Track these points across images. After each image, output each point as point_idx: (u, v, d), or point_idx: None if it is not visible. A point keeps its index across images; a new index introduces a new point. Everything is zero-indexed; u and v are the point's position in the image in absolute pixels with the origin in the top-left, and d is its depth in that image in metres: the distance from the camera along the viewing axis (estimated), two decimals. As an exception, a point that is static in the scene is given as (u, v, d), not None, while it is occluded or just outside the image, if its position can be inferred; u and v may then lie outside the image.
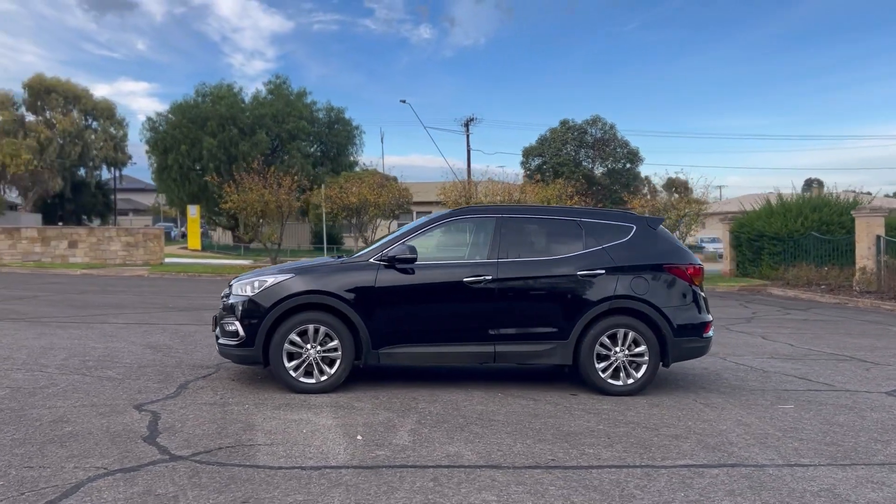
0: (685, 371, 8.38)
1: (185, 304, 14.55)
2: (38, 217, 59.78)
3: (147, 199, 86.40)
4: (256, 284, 6.87)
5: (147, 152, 46.75)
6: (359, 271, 6.90)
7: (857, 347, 10.70)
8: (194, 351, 8.84)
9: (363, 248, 7.52)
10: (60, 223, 58.64)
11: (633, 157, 41.92)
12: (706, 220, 50.36)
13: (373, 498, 4.17)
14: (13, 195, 63.51)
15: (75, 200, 67.05)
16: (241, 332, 6.77)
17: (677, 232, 26.30)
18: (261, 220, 25.30)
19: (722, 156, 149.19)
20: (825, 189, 31.05)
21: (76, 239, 26.21)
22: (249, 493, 4.18)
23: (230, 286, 7.17)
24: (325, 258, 7.63)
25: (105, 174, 71.41)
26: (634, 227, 7.33)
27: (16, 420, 5.61)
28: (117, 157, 67.81)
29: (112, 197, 73.44)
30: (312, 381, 6.74)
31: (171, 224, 73.14)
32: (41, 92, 61.68)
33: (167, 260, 28.10)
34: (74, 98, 63.49)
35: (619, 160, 41.79)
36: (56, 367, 7.61)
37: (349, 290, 6.78)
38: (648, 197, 29.36)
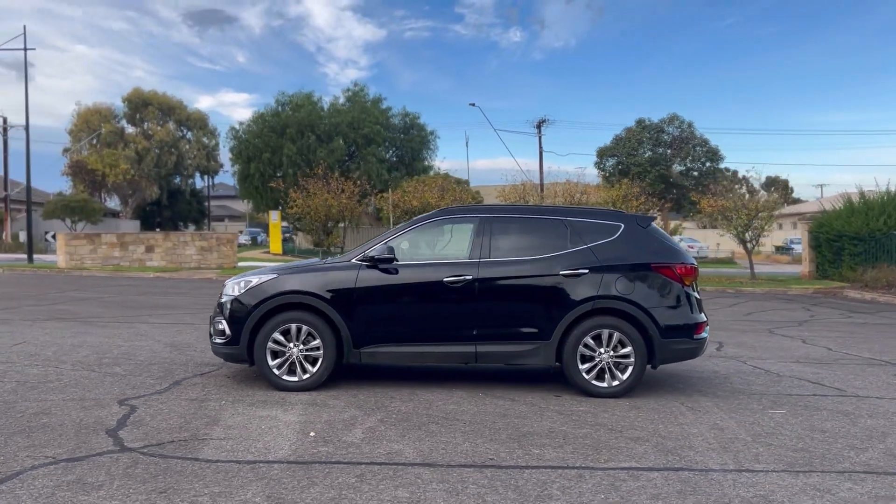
0: (689, 373, 8.13)
1: (234, 306, 15.00)
2: (137, 223, 62.75)
3: (241, 206, 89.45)
4: (242, 284, 7.07)
5: (231, 160, 48.54)
6: (340, 271, 7.00)
7: (901, 352, 10.11)
8: (210, 350, 9.12)
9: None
10: (158, 229, 61.53)
11: (713, 155, 40.63)
12: (795, 221, 48.41)
13: (288, 492, 4.25)
14: (114, 203, 66.95)
15: (171, 207, 70.13)
16: (228, 331, 6.98)
17: (749, 232, 25.38)
18: (329, 224, 25.86)
19: (825, 153, 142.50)
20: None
21: (153, 244, 27.46)
22: (171, 484, 4.33)
23: (224, 285, 7.40)
24: (315, 259, 7.77)
25: (199, 182, 74.52)
26: (622, 226, 7.16)
27: (3, 411, 5.96)
28: (209, 166, 70.64)
29: (206, 203, 76.53)
30: (295, 379, 6.87)
31: (259, 229, 75.43)
32: (139, 105, 64.86)
33: (241, 263, 29.04)
34: (169, 109, 66.48)
35: (698, 159, 40.56)
36: (71, 364, 8.02)
37: (330, 290, 6.89)
38: (748, 196, 28.20)
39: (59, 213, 47.82)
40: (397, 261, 7.00)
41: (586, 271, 6.88)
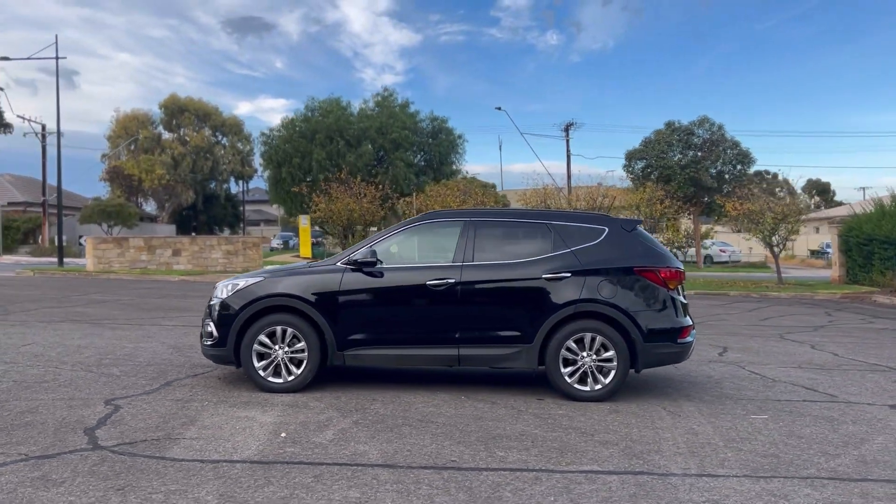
0: (682, 378, 8.07)
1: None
2: (173, 228, 63.80)
3: (276, 210, 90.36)
4: (230, 287, 7.19)
5: (262, 166, 49.15)
6: (325, 275, 7.09)
7: (911, 358, 9.90)
8: (210, 351, 9.28)
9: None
10: (194, 233, 62.52)
11: (745, 158, 40.06)
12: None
13: (241, 491, 4.33)
14: (150, 207, 68.27)
15: (207, 212, 71.23)
16: (215, 333, 7.10)
17: (776, 236, 24.97)
18: (359, 228, 26.04)
19: (869, 155, 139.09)
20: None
21: (179, 248, 27.96)
22: (130, 482, 4.43)
23: (214, 288, 7.53)
24: (302, 262, 7.86)
25: (234, 187, 75.60)
26: (606, 230, 7.14)
27: (-8, 410, 6.15)
28: (244, 171, 71.63)
29: (241, 208, 77.59)
30: (280, 380, 6.96)
31: (291, 233, 76.22)
32: (175, 111, 66.09)
33: (267, 267, 29.38)
34: (205, 116, 67.60)
35: (729, 162, 40.01)
36: (71, 365, 8.22)
37: (314, 293, 6.97)
38: (789, 198, 27.77)
39: (96, 217, 48.84)
40: (381, 263, 7.07)
41: (568, 275, 6.88)
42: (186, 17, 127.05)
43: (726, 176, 39.47)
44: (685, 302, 7.22)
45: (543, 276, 6.89)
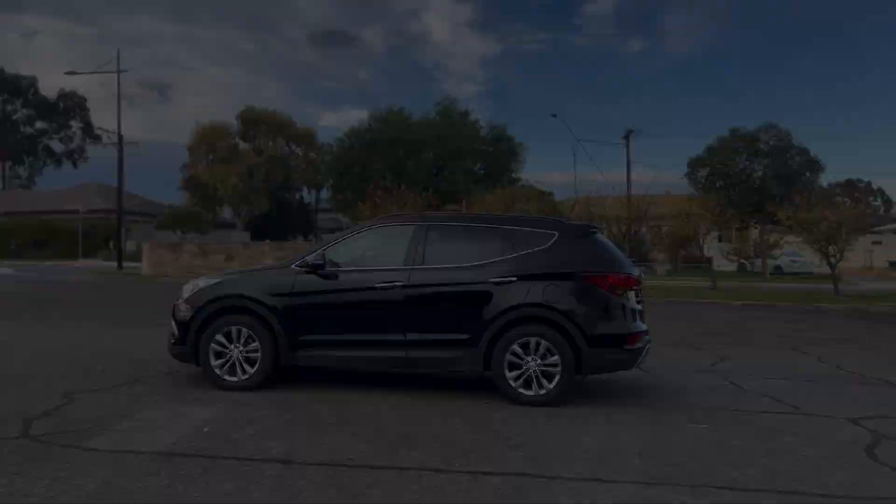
0: (650, 385, 7.95)
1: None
2: (247, 235, 65.76)
3: (344, 218, 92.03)
4: (191, 287, 7.46)
5: (323, 175, 50.25)
6: (279, 276, 7.29)
7: (919, 372, 9.44)
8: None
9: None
10: (267, 240, 64.27)
11: (813, 165, 38.71)
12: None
13: (125, 480, 4.51)
14: (227, 215, 70.57)
15: (281, 219, 72.98)
16: (176, 332, 7.38)
17: (834, 246, 24.02)
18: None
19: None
20: None
21: (232, 253, 28.93)
22: (28, 468, 4.67)
23: (181, 289, 7.82)
24: (265, 264, 8.07)
25: (307, 196, 77.42)
26: (556, 235, 7.10)
27: (-43, 400, 6.55)
28: (316, 180, 73.10)
29: (314, 216, 79.33)
30: (235, 378, 7.16)
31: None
32: (251, 122, 68.04)
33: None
34: (279, 127, 69.40)
35: (795, 169, 38.72)
36: (60, 360, 8.64)
37: (268, 295, 7.17)
38: (854, 205, 26.79)
39: (171, 224, 50.91)
40: (338, 266, 7.22)
41: (514, 279, 6.87)
42: (274, 32, 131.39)
43: (794, 184, 38.14)
44: (638, 308, 7.11)
45: (490, 279, 6.91)
